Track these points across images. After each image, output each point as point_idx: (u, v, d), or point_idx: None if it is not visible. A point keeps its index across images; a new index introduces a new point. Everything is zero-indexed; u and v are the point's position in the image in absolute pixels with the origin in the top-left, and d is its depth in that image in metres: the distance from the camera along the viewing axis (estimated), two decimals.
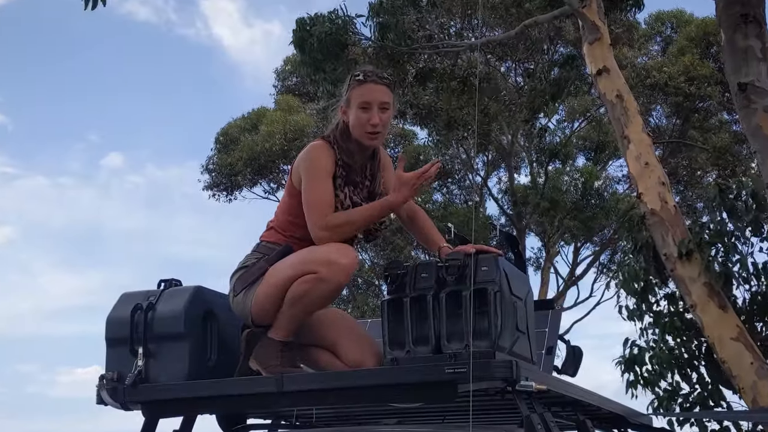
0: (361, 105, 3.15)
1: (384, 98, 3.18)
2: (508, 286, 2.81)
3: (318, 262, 2.95)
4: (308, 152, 3.18)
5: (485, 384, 2.65)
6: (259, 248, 3.22)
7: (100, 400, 3.13)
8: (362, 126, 3.16)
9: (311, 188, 3.09)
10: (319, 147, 3.17)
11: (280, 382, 2.90)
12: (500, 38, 13.24)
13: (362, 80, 3.19)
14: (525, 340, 2.91)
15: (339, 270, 2.94)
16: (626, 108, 7.59)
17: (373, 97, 3.16)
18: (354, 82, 3.20)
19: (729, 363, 6.65)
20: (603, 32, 7.90)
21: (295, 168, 3.19)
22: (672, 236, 7.06)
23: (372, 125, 3.16)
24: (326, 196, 3.08)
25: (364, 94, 3.17)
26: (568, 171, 20.24)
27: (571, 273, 21.43)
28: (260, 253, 3.18)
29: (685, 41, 17.67)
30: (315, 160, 3.13)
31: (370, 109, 3.15)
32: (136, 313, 3.13)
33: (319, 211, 3.05)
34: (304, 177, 3.11)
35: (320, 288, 2.95)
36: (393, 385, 2.77)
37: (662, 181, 7.34)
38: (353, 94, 3.18)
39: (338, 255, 2.95)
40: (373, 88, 3.18)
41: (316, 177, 3.09)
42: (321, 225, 3.03)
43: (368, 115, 3.15)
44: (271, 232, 3.24)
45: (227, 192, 20.71)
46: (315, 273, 2.93)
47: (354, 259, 2.98)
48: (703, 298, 6.84)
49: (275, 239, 3.20)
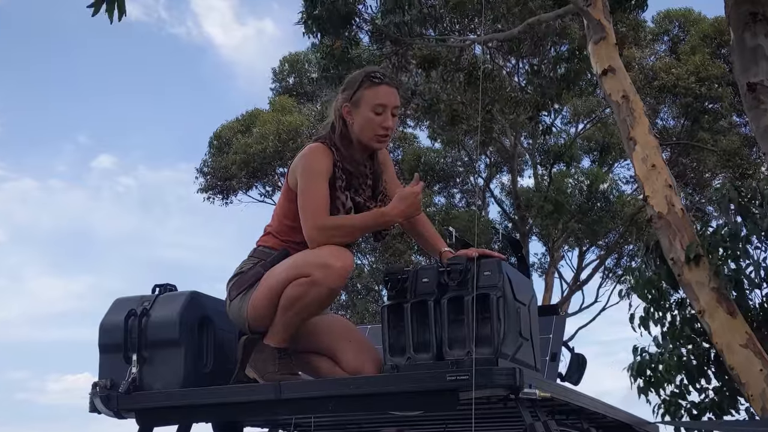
0: (375, 107, 3.15)
1: (397, 102, 3.21)
2: (512, 292, 2.81)
3: (312, 264, 2.95)
4: (305, 155, 3.18)
5: (488, 392, 2.65)
6: (255, 253, 3.22)
7: (93, 407, 3.14)
8: (374, 129, 3.16)
9: (307, 190, 3.09)
10: (316, 149, 3.17)
11: (278, 390, 2.90)
12: (503, 36, 13.25)
13: (378, 81, 3.19)
14: (528, 347, 2.92)
15: (333, 273, 2.93)
16: (632, 109, 7.60)
17: (389, 100, 3.18)
18: (367, 82, 3.18)
19: (738, 370, 6.65)
20: (608, 31, 7.90)
21: (292, 170, 3.20)
22: (679, 240, 7.06)
23: (385, 128, 3.17)
24: (321, 199, 3.07)
25: (380, 97, 3.16)
26: (573, 173, 20.26)
27: (575, 278, 21.45)
28: (256, 258, 3.19)
29: (695, 40, 17.69)
30: (312, 163, 3.13)
31: (385, 112, 3.17)
32: (130, 318, 3.14)
33: (313, 212, 3.05)
34: (301, 179, 3.12)
35: (314, 292, 2.94)
36: (393, 393, 2.77)
37: (669, 184, 7.34)
38: (366, 95, 3.17)
39: (333, 258, 2.95)
40: (388, 91, 3.20)
41: (312, 179, 3.09)
42: (314, 226, 3.03)
43: (382, 117, 3.16)
44: (267, 236, 3.25)
45: (223, 195, 20.76)
46: (308, 276, 2.93)
47: (349, 262, 2.98)
48: (712, 304, 6.83)
49: (272, 244, 3.20)
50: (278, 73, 21.75)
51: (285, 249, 3.14)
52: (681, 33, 18.87)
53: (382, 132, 3.17)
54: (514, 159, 19.84)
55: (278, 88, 21.82)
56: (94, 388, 3.12)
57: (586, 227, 19.44)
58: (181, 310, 3.14)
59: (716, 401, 7.16)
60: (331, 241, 3.01)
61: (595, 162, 20.75)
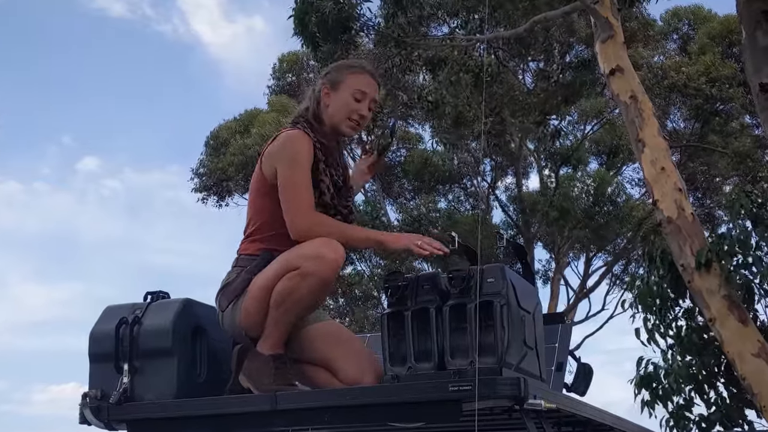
0: (355, 93, 3.26)
1: (376, 95, 3.32)
2: (516, 299, 2.81)
3: (302, 256, 2.97)
4: (285, 143, 3.19)
5: (491, 402, 2.65)
6: (238, 262, 3.23)
7: (83, 419, 3.14)
8: (348, 113, 3.26)
9: (292, 178, 3.11)
10: (295, 136, 3.20)
11: (274, 401, 2.90)
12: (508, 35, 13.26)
13: (361, 70, 3.32)
14: (533, 356, 2.92)
15: (325, 264, 2.95)
16: (641, 110, 7.59)
17: (370, 90, 3.30)
18: (351, 69, 3.32)
19: (749, 380, 6.64)
20: (616, 30, 7.90)
21: (268, 159, 3.20)
22: (689, 246, 7.05)
23: (360, 116, 3.26)
24: (307, 189, 3.11)
25: (362, 84, 3.28)
26: (580, 176, 20.25)
27: (582, 285, 21.42)
28: (240, 267, 3.19)
29: (705, 39, 17.68)
30: (294, 153, 3.15)
31: (363, 100, 3.27)
32: (122, 327, 3.14)
33: (301, 201, 3.08)
34: (283, 168, 3.13)
35: (305, 284, 2.94)
36: (393, 404, 2.78)
37: (679, 188, 7.34)
38: (348, 79, 3.28)
39: (324, 248, 2.97)
40: (371, 82, 3.32)
41: (297, 167, 3.12)
42: (302, 213, 3.06)
43: (359, 105, 3.27)
44: (247, 243, 3.25)
45: (218, 198, 20.74)
46: (298, 268, 2.94)
47: (341, 253, 2.99)
48: (723, 312, 6.82)
49: (252, 250, 3.21)
50: (276, 72, 21.74)
51: (266, 251, 3.14)
52: (691, 31, 18.88)
53: (356, 117, 3.26)
54: (519, 161, 19.83)
55: (275, 87, 21.81)
56: (84, 398, 3.12)
57: (593, 232, 19.42)
58: (174, 318, 3.14)
59: (725, 413, 7.14)
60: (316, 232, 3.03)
61: (603, 165, 20.75)
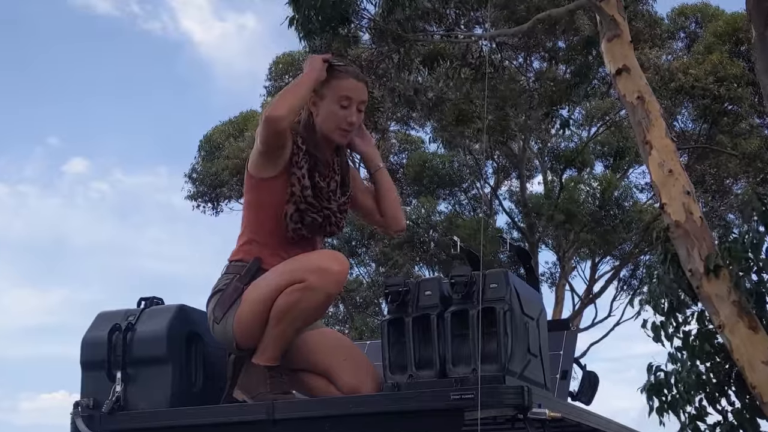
0: (340, 99, 3.21)
1: (364, 97, 3.27)
2: (519, 305, 2.82)
3: (306, 270, 2.95)
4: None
5: (494, 411, 2.65)
6: (229, 269, 3.21)
7: (75, 428, 3.13)
8: (337, 122, 3.22)
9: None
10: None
11: (270, 410, 2.90)
12: (512, 32, 13.27)
13: (345, 74, 3.25)
14: (537, 364, 2.92)
15: (330, 278, 2.94)
16: (648, 110, 7.59)
17: (356, 95, 3.24)
18: (333, 73, 3.23)
19: (760, 389, 6.64)
20: (623, 28, 7.90)
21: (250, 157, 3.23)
22: (698, 250, 7.05)
23: (349, 123, 3.23)
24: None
25: (346, 89, 3.22)
26: (585, 179, 20.25)
27: (588, 290, 21.42)
28: (231, 274, 3.18)
29: (712, 38, 17.70)
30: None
31: (350, 106, 3.22)
32: (114, 334, 3.14)
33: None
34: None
35: (308, 298, 2.93)
36: (394, 413, 2.77)
37: (687, 191, 7.33)
38: (331, 86, 3.22)
39: (329, 261, 2.97)
40: (356, 84, 3.25)
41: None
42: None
43: (346, 112, 3.21)
44: (237, 250, 3.25)
45: (213, 204, 20.68)
46: (303, 281, 2.93)
47: (347, 266, 2.99)
48: (732, 318, 6.81)
49: (241, 256, 3.20)
50: (272, 73, 21.74)
51: (256, 257, 3.14)
52: (698, 29, 18.89)
53: (346, 126, 3.23)
54: (523, 163, 19.83)
55: (271, 88, 21.80)
56: (76, 407, 3.12)
57: (599, 237, 19.41)
58: (168, 324, 3.14)
59: (735, 424, 7.13)
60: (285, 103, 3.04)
61: (608, 167, 20.74)
